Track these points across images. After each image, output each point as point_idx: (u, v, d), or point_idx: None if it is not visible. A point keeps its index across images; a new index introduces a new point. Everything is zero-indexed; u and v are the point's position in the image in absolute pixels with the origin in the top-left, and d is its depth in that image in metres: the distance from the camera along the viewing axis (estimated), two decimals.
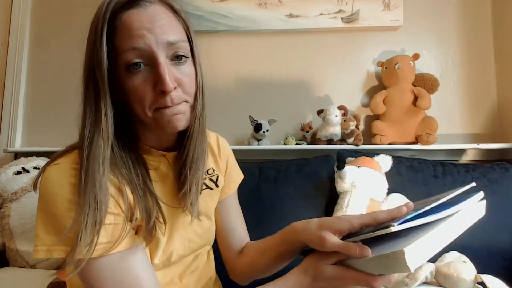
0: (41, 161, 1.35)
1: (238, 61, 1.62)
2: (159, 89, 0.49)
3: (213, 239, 0.73)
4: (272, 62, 1.60)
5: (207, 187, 0.69)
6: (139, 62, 0.49)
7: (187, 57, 0.53)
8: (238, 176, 0.80)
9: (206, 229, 0.69)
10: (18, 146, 1.64)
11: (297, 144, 1.45)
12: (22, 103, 1.68)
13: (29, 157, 1.37)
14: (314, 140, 1.49)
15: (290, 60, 1.60)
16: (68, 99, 1.65)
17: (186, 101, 0.54)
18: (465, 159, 1.51)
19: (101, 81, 0.49)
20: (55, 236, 0.47)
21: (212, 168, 0.71)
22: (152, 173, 0.58)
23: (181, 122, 0.53)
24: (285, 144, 1.45)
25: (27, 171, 1.27)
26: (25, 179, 1.24)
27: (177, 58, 0.52)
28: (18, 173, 1.26)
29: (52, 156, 0.54)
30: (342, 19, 1.55)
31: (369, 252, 0.43)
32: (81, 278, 0.49)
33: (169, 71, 0.50)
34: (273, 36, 1.61)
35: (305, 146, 1.44)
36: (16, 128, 1.65)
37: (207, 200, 0.68)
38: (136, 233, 0.54)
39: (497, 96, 1.53)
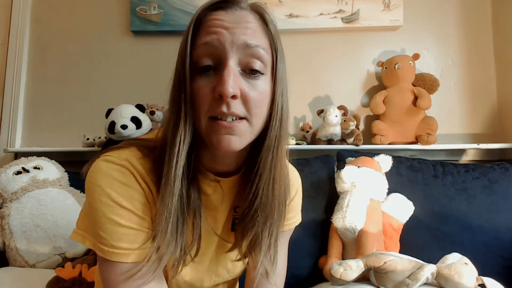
0: (41, 161, 1.35)
1: None
2: (218, 92, 0.42)
3: (241, 274, 0.66)
4: None
5: None
6: (208, 65, 0.44)
7: (262, 74, 0.46)
8: (294, 216, 0.67)
9: (238, 265, 0.62)
10: (18, 146, 1.64)
11: (297, 144, 1.45)
12: (22, 103, 1.67)
13: (29, 157, 1.36)
14: (314, 140, 1.49)
15: (290, 60, 1.59)
16: (68, 99, 1.67)
17: (247, 120, 0.46)
18: (465, 159, 1.51)
19: (183, 82, 0.45)
20: (89, 226, 0.47)
21: None
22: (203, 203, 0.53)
23: (233, 144, 0.45)
24: None
25: (27, 171, 1.27)
26: (25, 179, 1.24)
27: (251, 71, 0.45)
28: (18, 173, 1.25)
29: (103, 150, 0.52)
30: (342, 19, 1.55)
31: None
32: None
33: (235, 76, 0.43)
34: None
35: (305, 146, 1.44)
36: (16, 128, 1.64)
37: None
38: None
39: (497, 96, 1.53)
